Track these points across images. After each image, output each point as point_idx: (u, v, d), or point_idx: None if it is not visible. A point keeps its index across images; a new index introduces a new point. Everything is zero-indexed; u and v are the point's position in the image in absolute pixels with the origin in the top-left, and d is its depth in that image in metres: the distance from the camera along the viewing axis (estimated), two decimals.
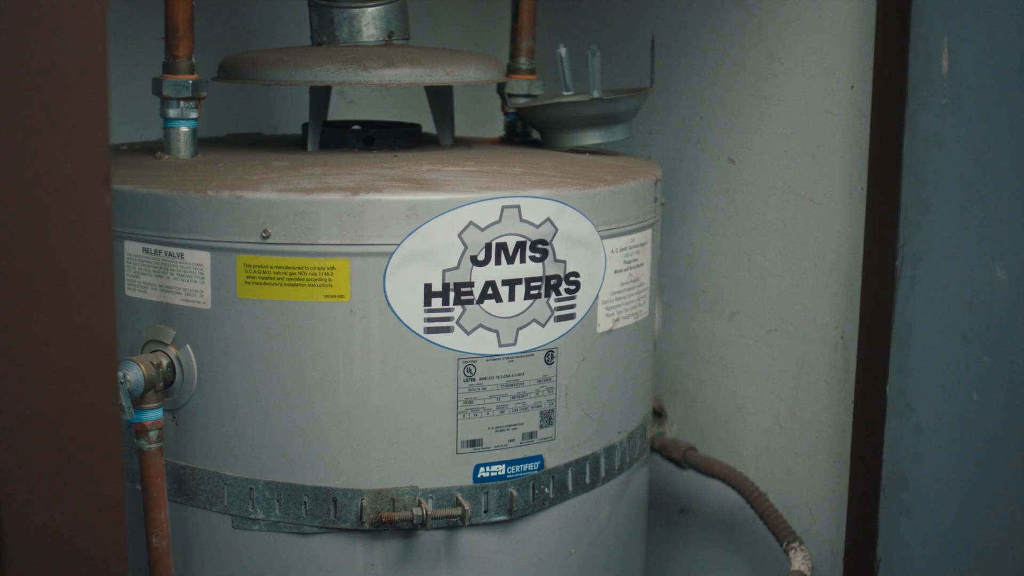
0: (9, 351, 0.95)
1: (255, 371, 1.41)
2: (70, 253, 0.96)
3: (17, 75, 0.92)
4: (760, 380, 1.90)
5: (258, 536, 1.44)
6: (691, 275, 2.00)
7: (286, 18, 2.12)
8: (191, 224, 1.39)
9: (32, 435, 0.97)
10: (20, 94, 0.92)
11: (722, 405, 1.98)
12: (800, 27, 1.75)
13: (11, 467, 0.97)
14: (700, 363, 2.01)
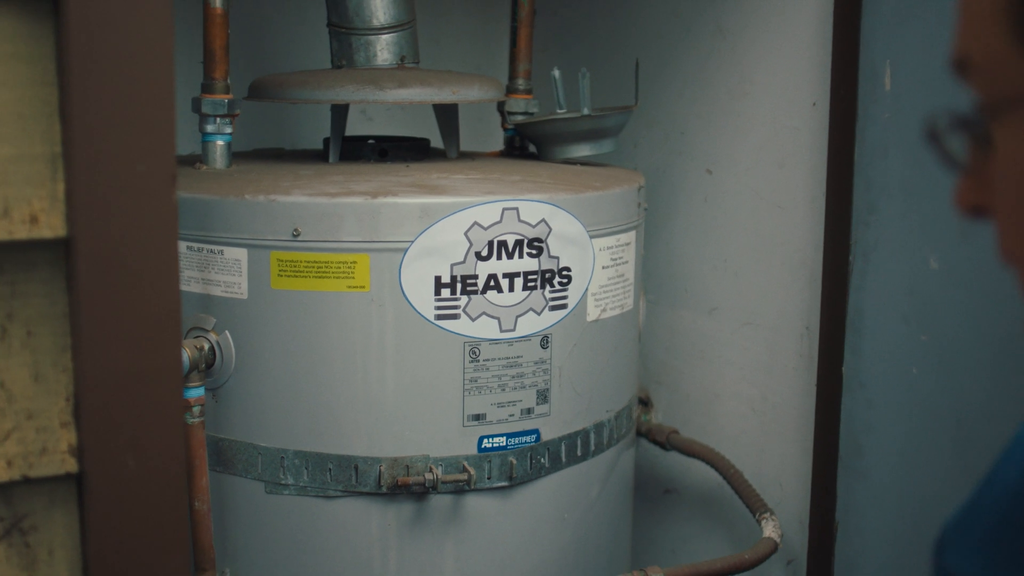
0: (91, 322, 1.11)
1: (286, 353, 1.57)
2: (144, 240, 1.12)
3: (105, 96, 1.08)
4: (736, 369, 2.05)
5: (288, 500, 1.60)
6: (673, 275, 2.16)
7: (305, 43, 2.28)
8: (230, 224, 1.55)
9: (109, 393, 1.13)
10: (107, 110, 1.08)
11: (702, 392, 2.13)
12: (768, 51, 1.92)
13: (92, 419, 1.13)
14: (682, 355, 2.17)
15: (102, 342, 1.12)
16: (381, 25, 1.89)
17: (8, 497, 1.12)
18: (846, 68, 1.66)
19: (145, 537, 1.15)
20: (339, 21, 1.91)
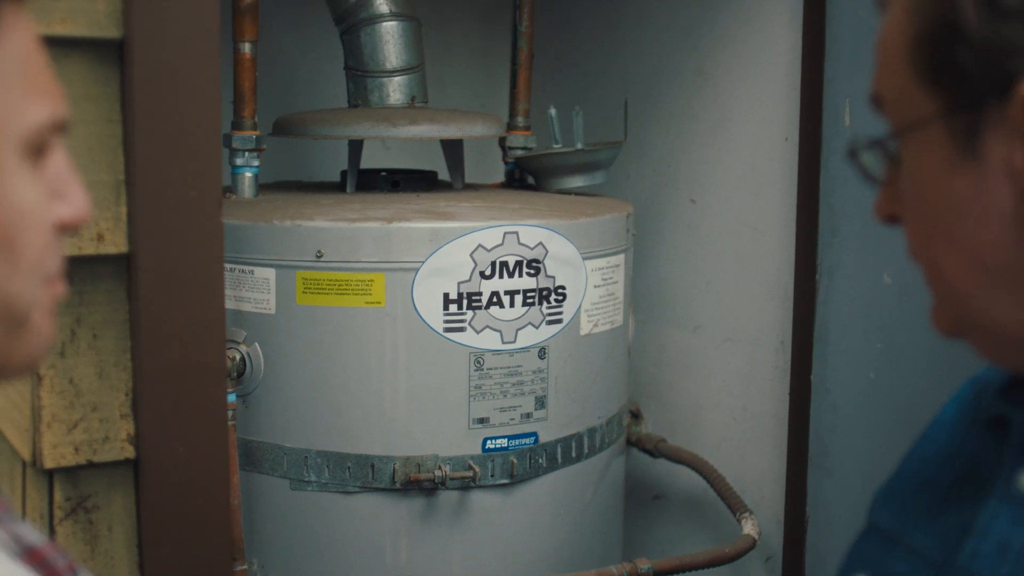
0: (148, 327, 1.26)
1: (310, 363, 1.72)
2: (194, 255, 1.28)
3: (162, 131, 1.24)
4: (718, 382, 2.20)
5: (311, 495, 1.74)
6: (661, 296, 2.31)
7: (322, 83, 2.43)
8: (260, 247, 1.71)
9: (163, 387, 1.28)
10: (164, 144, 1.24)
11: (688, 404, 2.28)
12: (745, 91, 2.08)
13: (148, 410, 1.28)
14: (669, 369, 2.32)
15: (157, 344, 1.27)
16: (393, 68, 2.05)
17: (75, 480, 1.27)
18: (812, 107, 1.82)
19: (192, 514, 1.30)
20: (355, 64, 2.07)
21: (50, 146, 0.65)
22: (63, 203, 0.66)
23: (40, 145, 0.63)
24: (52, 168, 0.65)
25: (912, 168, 0.69)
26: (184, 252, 1.27)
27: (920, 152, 0.68)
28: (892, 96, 0.71)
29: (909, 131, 0.69)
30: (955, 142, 0.66)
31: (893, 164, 0.71)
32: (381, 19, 2.04)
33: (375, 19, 2.04)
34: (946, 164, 0.66)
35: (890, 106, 0.71)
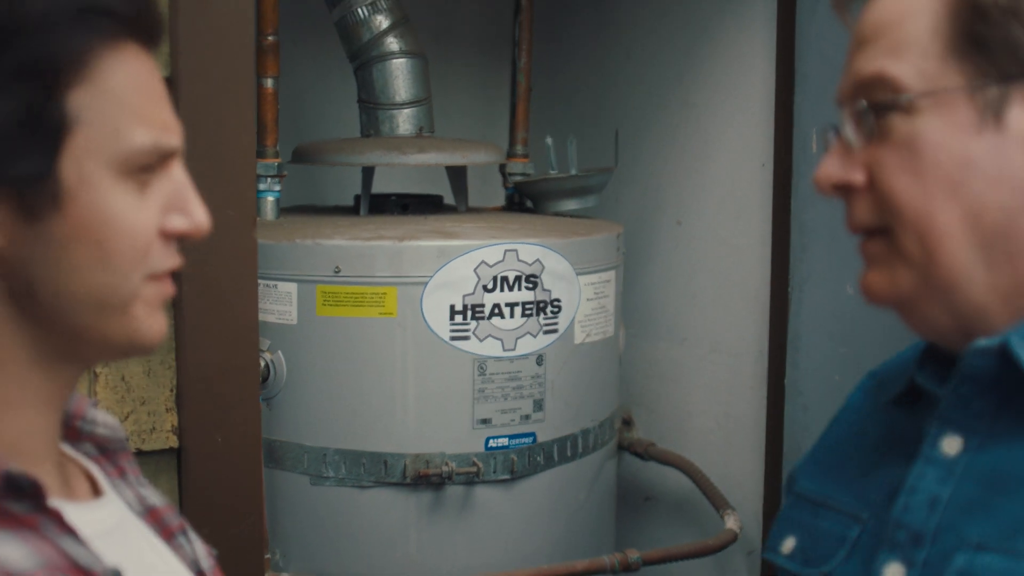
0: (191, 330, 1.41)
1: (328, 369, 1.86)
2: (231, 268, 1.43)
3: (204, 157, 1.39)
4: (703, 390, 2.34)
5: (329, 490, 1.88)
6: (650, 311, 2.46)
7: (336, 115, 2.58)
8: (283, 263, 1.86)
9: (204, 384, 1.43)
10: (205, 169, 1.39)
11: (675, 411, 2.42)
12: (726, 121, 2.23)
13: (190, 405, 1.42)
14: (658, 379, 2.46)
15: (198, 347, 1.42)
16: (403, 101, 2.21)
17: None
18: (784, 135, 1.97)
19: (228, 495, 1.45)
20: (368, 98, 2.23)
21: (164, 168, 0.78)
22: (181, 216, 0.79)
23: (144, 166, 0.76)
24: (171, 186, 0.79)
25: (924, 131, 0.77)
26: (222, 266, 1.42)
27: (936, 117, 0.76)
28: (908, 71, 0.78)
29: (930, 98, 0.76)
30: (978, 111, 0.75)
31: (869, 135, 0.79)
32: (391, 56, 2.20)
33: (386, 56, 2.20)
34: (965, 129, 0.76)
35: (901, 78, 0.78)
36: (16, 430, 0.77)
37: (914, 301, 0.80)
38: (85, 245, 0.75)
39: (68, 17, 0.72)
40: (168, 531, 0.92)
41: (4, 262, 0.74)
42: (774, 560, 0.93)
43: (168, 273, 0.81)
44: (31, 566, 0.69)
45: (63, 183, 0.73)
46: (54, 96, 0.72)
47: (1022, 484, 0.74)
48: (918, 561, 0.77)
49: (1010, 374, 0.76)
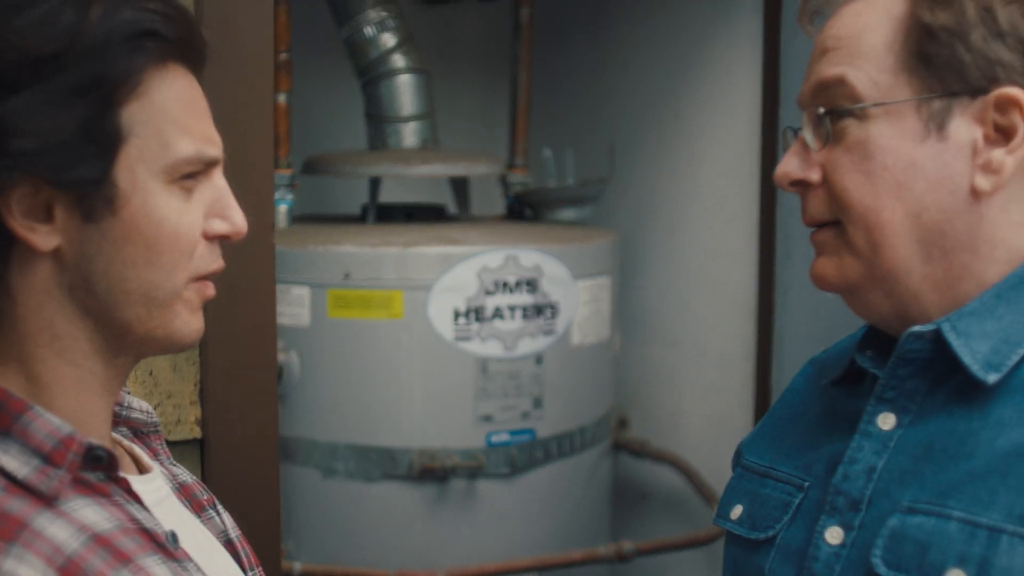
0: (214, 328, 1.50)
1: (339, 368, 1.95)
2: (251, 272, 1.51)
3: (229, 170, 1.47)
4: (695, 391, 2.43)
5: (339, 483, 1.97)
6: (644, 316, 2.55)
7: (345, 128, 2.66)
8: (296, 269, 1.95)
9: (226, 380, 1.51)
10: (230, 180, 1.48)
11: (668, 411, 2.51)
12: (716, 134, 2.33)
13: (213, 399, 1.51)
14: (652, 381, 2.55)
15: (221, 345, 1.50)
16: (408, 115, 2.30)
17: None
18: (770, 148, 2.07)
19: (247, 483, 1.53)
20: (375, 112, 2.32)
21: (207, 176, 0.86)
22: (222, 221, 0.88)
23: (188, 174, 0.85)
24: (212, 193, 0.87)
25: (875, 136, 0.85)
26: (243, 270, 1.50)
27: (886, 124, 0.85)
28: (863, 80, 0.86)
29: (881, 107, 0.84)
30: (923, 121, 0.83)
31: (824, 138, 0.87)
32: (397, 73, 2.29)
33: (392, 73, 2.29)
34: (911, 137, 0.84)
35: (856, 87, 0.86)
36: (83, 412, 0.85)
37: (859, 287, 0.88)
38: (136, 244, 0.82)
39: (122, 42, 0.81)
40: (198, 504, 1.00)
41: (64, 259, 0.82)
42: (724, 526, 1.00)
43: (209, 276, 0.89)
44: (110, 528, 0.78)
45: (117, 188, 0.81)
46: (109, 111, 0.80)
47: (948, 455, 0.83)
48: (855, 524, 0.85)
49: (941, 357, 0.85)
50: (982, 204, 0.85)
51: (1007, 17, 0.84)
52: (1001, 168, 0.84)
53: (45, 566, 0.73)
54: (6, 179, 0.78)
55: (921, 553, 0.80)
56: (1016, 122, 0.83)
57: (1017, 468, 0.79)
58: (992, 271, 0.86)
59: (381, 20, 2.29)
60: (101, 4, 0.80)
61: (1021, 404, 0.82)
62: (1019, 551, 0.76)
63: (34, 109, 0.78)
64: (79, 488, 0.80)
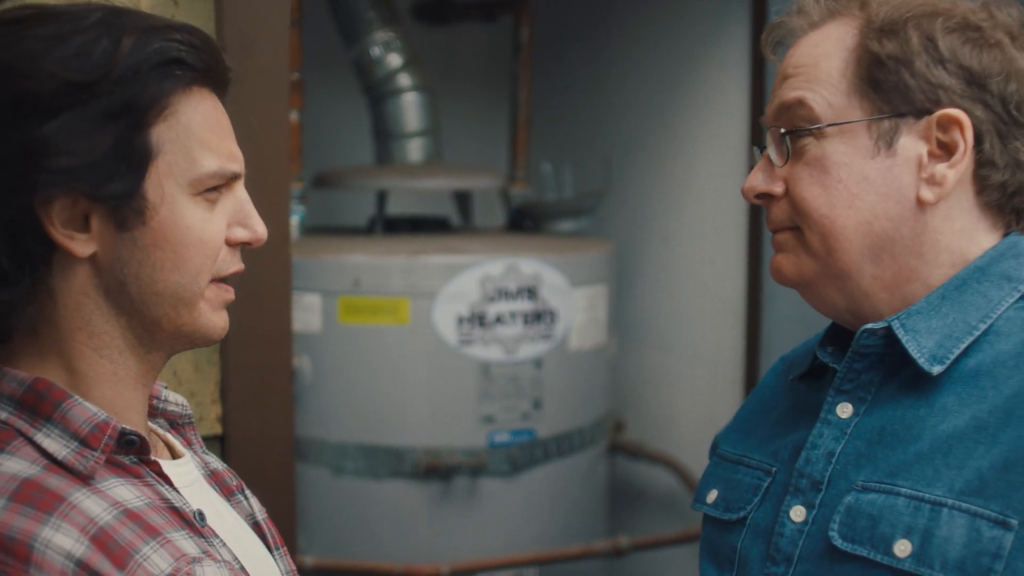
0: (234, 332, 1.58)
1: (349, 372, 2.04)
2: (269, 279, 1.60)
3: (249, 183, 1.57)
4: (688, 394, 2.52)
5: (349, 481, 2.06)
6: (639, 323, 2.64)
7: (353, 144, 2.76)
8: (308, 277, 2.04)
9: (245, 379, 1.60)
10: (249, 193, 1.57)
11: (663, 413, 2.59)
12: (707, 148, 2.42)
13: (232, 397, 1.59)
14: (647, 385, 2.64)
15: (240, 347, 1.59)
16: (414, 131, 2.39)
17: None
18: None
19: (265, 478, 1.62)
20: (382, 128, 2.41)
21: (229, 189, 0.95)
22: (243, 229, 0.96)
23: (211, 187, 0.93)
24: (235, 204, 0.96)
25: (831, 152, 0.93)
26: (261, 278, 1.59)
27: (841, 142, 0.93)
28: (820, 102, 0.94)
29: (836, 127, 0.92)
30: (873, 139, 0.91)
31: (786, 155, 0.95)
32: (403, 91, 2.39)
33: (399, 91, 2.39)
34: (863, 153, 0.92)
35: (814, 109, 0.94)
36: (118, 401, 0.92)
37: (813, 283, 0.97)
38: (164, 250, 0.90)
39: (151, 70, 0.88)
40: (228, 489, 1.08)
41: (100, 264, 0.89)
42: (701, 509, 1.08)
43: (229, 278, 0.97)
44: (141, 505, 0.86)
45: (147, 200, 0.88)
46: (140, 132, 0.87)
47: (898, 439, 0.91)
48: (816, 503, 0.93)
49: (893, 352, 0.93)
50: (927, 213, 0.93)
51: (948, 45, 0.92)
52: (943, 181, 0.92)
53: (79, 534, 0.79)
54: (48, 193, 0.85)
55: (873, 526, 0.88)
56: (957, 139, 0.91)
57: (957, 449, 0.88)
58: (937, 273, 0.94)
59: (387, 41, 2.38)
60: (132, 35, 0.87)
61: (962, 393, 0.90)
62: (958, 522, 0.85)
63: (73, 131, 0.85)
64: (113, 469, 0.87)
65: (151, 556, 0.83)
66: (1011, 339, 0.91)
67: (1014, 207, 0.96)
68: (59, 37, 0.86)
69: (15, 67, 0.85)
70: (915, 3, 0.95)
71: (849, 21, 0.96)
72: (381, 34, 2.37)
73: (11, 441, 0.85)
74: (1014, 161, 0.94)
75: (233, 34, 1.55)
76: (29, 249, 0.87)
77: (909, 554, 0.86)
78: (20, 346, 0.90)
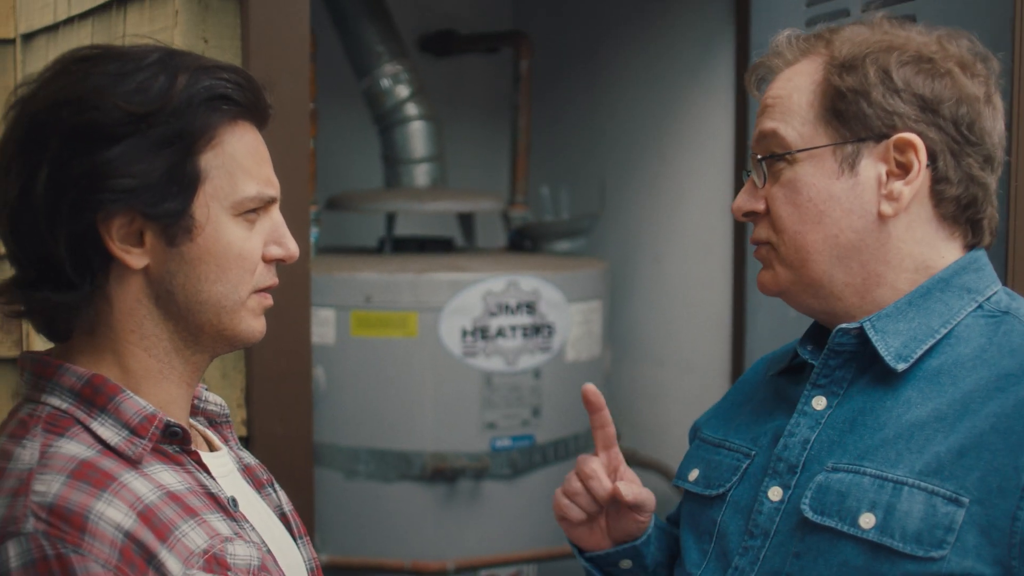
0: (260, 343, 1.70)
1: (360, 381, 2.16)
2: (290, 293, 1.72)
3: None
4: (679, 404, 2.63)
5: (360, 484, 2.17)
6: (633, 337, 2.75)
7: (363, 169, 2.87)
8: (323, 293, 2.16)
9: (269, 386, 1.71)
10: None
11: (655, 423, 2.71)
12: (697, 172, 2.54)
13: (256, 402, 1.71)
14: (641, 397, 2.75)
15: (263, 356, 1.71)
16: (420, 157, 2.52)
17: None
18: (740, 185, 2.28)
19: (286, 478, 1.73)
20: (390, 154, 2.54)
21: (267, 211, 1.05)
22: (278, 247, 1.06)
23: (251, 209, 1.01)
24: (271, 225, 1.06)
25: (801, 175, 1.03)
26: (283, 292, 1.71)
27: (810, 166, 1.03)
28: (792, 131, 1.04)
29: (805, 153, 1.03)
30: (838, 162, 1.01)
31: (765, 177, 1.05)
32: (411, 120, 2.51)
33: (406, 120, 2.51)
34: (830, 175, 1.02)
35: (786, 137, 1.04)
36: (165, 397, 1.02)
37: (790, 291, 1.08)
38: (208, 264, 0.99)
39: (201, 104, 0.98)
40: (259, 482, 1.18)
41: (151, 275, 0.99)
42: (683, 485, 1.18)
43: (267, 289, 1.07)
44: (181, 488, 0.95)
45: (195, 219, 0.97)
46: (191, 158, 0.97)
47: (867, 427, 1.02)
48: (792, 484, 1.03)
49: (864, 351, 1.03)
50: (888, 225, 1.03)
51: (902, 76, 1.03)
52: (901, 196, 1.02)
53: (128, 509, 0.88)
54: (110, 211, 0.94)
55: (841, 501, 0.98)
56: (912, 160, 1.02)
57: (918, 436, 0.98)
58: (902, 278, 1.04)
59: (396, 73, 2.51)
60: (186, 74, 0.97)
61: (924, 388, 1.00)
62: (917, 499, 0.95)
63: (133, 156, 0.94)
64: (158, 456, 0.96)
65: (189, 533, 0.92)
66: (969, 343, 1.02)
67: (968, 218, 1.05)
68: (123, 74, 0.95)
69: (85, 99, 0.93)
70: (874, 39, 1.05)
71: (816, 59, 1.07)
72: (390, 67, 2.50)
73: (70, 428, 0.94)
74: (967, 176, 1.04)
75: (258, 70, 1.67)
76: (90, 260, 0.95)
77: (873, 525, 0.95)
78: (78, 345, 1.00)
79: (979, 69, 1.06)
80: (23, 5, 2.00)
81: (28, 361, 1.00)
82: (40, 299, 0.97)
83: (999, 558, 0.92)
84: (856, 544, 0.96)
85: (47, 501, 0.87)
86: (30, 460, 0.91)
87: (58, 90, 0.95)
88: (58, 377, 0.97)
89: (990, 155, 1.05)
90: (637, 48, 2.73)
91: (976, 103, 1.04)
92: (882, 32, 1.06)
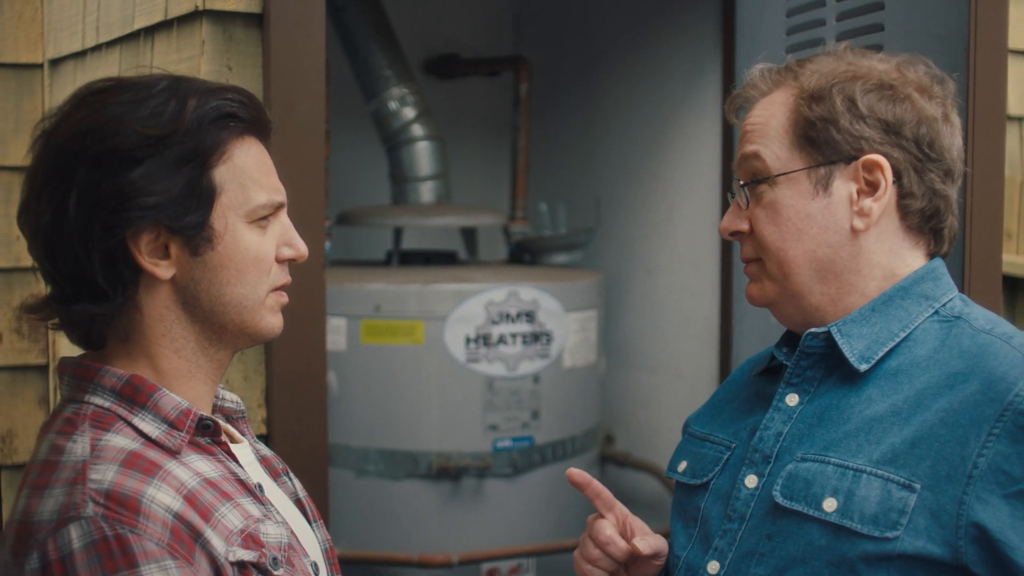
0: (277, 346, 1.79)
1: (370, 385, 2.24)
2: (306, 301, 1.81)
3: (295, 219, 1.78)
4: (671, 410, 2.71)
5: (370, 482, 2.25)
6: (627, 346, 2.84)
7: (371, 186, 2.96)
8: (335, 303, 2.24)
9: (287, 387, 1.79)
10: None
11: (649, 427, 2.79)
12: (687, 190, 2.63)
13: (275, 403, 1.79)
14: (634, 403, 2.83)
15: (282, 360, 1.79)
16: (426, 175, 2.61)
17: None
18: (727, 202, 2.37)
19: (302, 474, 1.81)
20: (397, 173, 2.63)
21: (276, 216, 1.10)
22: (288, 247, 1.12)
23: (263, 216, 1.07)
24: (281, 228, 1.11)
25: (781, 197, 1.10)
26: (300, 300, 1.79)
27: (788, 188, 1.10)
28: (770, 155, 1.11)
29: (783, 176, 1.10)
30: (813, 184, 1.08)
31: (748, 199, 1.13)
32: (416, 140, 2.61)
33: (412, 140, 2.60)
34: (806, 195, 1.09)
35: (765, 161, 1.11)
36: (193, 394, 1.09)
37: (776, 303, 1.16)
38: (228, 269, 1.06)
39: (211, 123, 1.05)
40: (275, 472, 1.24)
41: (177, 283, 1.06)
42: (674, 476, 1.26)
43: (283, 287, 1.15)
44: (216, 476, 1.03)
45: (215, 229, 1.04)
46: (206, 173, 1.04)
47: (832, 422, 1.10)
48: (766, 472, 1.12)
49: (832, 353, 1.11)
50: (860, 239, 1.11)
51: (866, 104, 1.11)
52: (871, 212, 1.10)
53: (175, 493, 0.96)
54: (138, 227, 1.00)
55: (807, 488, 1.06)
56: (879, 178, 1.10)
57: (877, 429, 1.06)
58: (872, 285, 1.12)
59: (403, 96, 2.60)
60: (195, 97, 1.04)
61: (884, 386, 1.08)
62: (874, 485, 1.03)
63: (154, 175, 1.00)
64: (193, 447, 1.03)
65: (227, 515, 1.00)
66: (925, 346, 1.10)
67: (931, 228, 1.14)
68: (137, 101, 1.01)
69: (106, 127, 1.00)
70: (839, 70, 1.13)
71: (787, 90, 1.15)
72: (397, 90, 2.59)
73: (115, 423, 1.01)
74: (930, 190, 1.12)
75: (278, 95, 1.76)
76: (122, 274, 1.02)
77: (835, 509, 1.03)
78: (113, 350, 1.06)
79: (936, 91, 1.14)
80: (51, 31, 2.09)
81: (68, 366, 1.07)
82: (78, 312, 1.03)
83: (947, 539, 1.00)
84: (820, 526, 1.04)
85: (104, 488, 0.94)
86: (82, 453, 0.98)
87: (79, 121, 1.02)
88: (99, 378, 1.04)
89: (950, 169, 1.13)
90: (631, 73, 2.82)
91: (935, 123, 1.12)
92: (846, 63, 1.15)
